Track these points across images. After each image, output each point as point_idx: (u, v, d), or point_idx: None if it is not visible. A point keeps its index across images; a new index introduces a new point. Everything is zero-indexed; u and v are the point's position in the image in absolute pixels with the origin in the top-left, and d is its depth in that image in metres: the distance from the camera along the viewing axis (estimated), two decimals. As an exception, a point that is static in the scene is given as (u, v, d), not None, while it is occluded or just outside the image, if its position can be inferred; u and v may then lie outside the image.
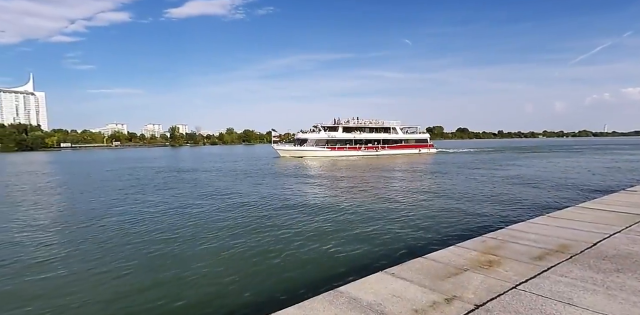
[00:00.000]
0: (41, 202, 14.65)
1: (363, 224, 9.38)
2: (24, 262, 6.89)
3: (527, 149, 64.46)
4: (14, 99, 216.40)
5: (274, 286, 5.55)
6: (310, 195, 15.08)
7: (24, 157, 74.38)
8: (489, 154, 48.04)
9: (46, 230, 9.58)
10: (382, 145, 48.87)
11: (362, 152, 46.72)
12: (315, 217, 10.39)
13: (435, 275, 4.09)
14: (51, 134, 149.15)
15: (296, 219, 10.28)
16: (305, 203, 13.03)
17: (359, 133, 48.21)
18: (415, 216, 10.25)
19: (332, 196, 14.73)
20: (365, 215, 10.59)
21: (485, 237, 5.62)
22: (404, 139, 51.65)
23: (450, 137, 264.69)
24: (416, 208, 11.49)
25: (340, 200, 13.57)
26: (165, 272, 6.24)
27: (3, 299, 5.35)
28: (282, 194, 15.26)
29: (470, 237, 6.47)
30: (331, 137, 45.47)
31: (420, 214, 10.59)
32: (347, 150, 45.94)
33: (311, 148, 44.44)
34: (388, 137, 50.30)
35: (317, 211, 11.36)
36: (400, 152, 49.54)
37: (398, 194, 14.81)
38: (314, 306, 3.55)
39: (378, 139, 49.12)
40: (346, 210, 11.33)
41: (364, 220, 9.91)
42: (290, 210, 11.67)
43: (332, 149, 45.25)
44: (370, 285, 3.94)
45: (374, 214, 10.73)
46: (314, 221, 9.89)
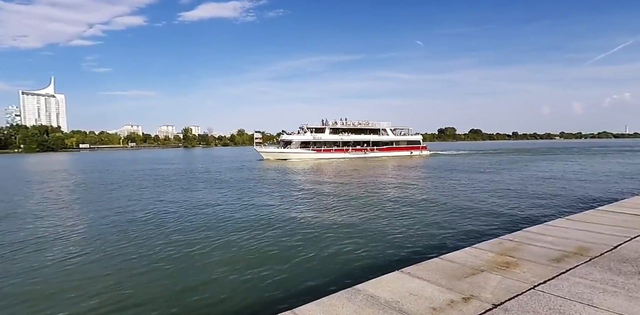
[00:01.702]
0: (78, 200, 15.25)
1: (375, 225, 9.42)
2: (51, 256, 7.24)
3: (539, 150, 62.68)
4: (36, 101, 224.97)
5: (292, 283, 5.69)
6: (313, 199, 15.17)
7: (48, 157, 77.16)
8: (486, 157, 45.98)
9: (84, 225, 10.01)
10: (371, 147, 46.97)
11: (350, 154, 44.87)
12: (324, 220, 10.49)
13: (451, 275, 4.13)
14: (70, 135, 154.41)
15: (309, 220, 10.40)
16: (313, 206, 13.14)
17: (347, 134, 46.39)
18: (427, 218, 10.22)
19: (336, 199, 14.79)
20: (376, 216, 10.62)
21: (502, 239, 5.60)
22: (394, 140, 49.62)
23: (463, 138, 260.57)
24: (427, 210, 11.43)
25: (346, 202, 13.62)
26: (187, 269, 6.44)
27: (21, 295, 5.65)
28: (291, 197, 15.40)
29: (486, 239, 6.46)
30: (317, 139, 43.72)
31: (433, 215, 10.55)
32: (333, 153, 44.18)
33: (295, 150, 42.77)
34: (377, 138, 48.25)
35: (327, 214, 11.45)
36: (391, 155, 47.68)
37: (402, 195, 14.75)
38: (332, 303, 3.64)
39: (367, 141, 47.23)
40: (357, 212, 11.38)
41: (375, 221, 9.94)
42: (303, 212, 11.80)
43: (317, 151, 43.50)
44: (387, 284, 4.01)
45: (385, 215, 10.74)
46: (325, 223, 9.99)
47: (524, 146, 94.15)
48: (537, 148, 76.95)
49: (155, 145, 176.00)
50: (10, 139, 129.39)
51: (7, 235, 9.26)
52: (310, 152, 43.06)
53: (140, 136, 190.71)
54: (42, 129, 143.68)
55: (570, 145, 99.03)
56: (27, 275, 6.29)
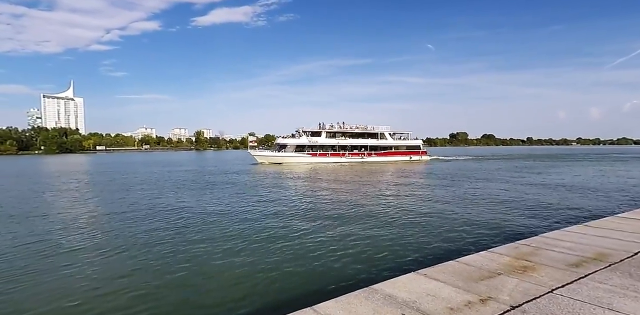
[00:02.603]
0: (98, 200, 15.78)
1: (388, 229, 9.45)
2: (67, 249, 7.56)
3: (554, 156, 61.07)
4: (56, 104, 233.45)
5: (310, 281, 5.83)
6: (322, 200, 15.26)
7: (67, 159, 79.67)
8: (496, 162, 44.88)
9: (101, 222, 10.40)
10: (369, 152, 45.76)
11: (346, 159, 43.71)
12: (338, 222, 10.57)
13: (468, 277, 4.17)
14: (88, 138, 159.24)
15: (324, 223, 10.51)
16: (323, 209, 13.24)
17: (344, 138, 45.32)
18: (440, 222, 10.19)
19: (347, 201, 14.84)
20: (388, 220, 10.64)
21: (518, 244, 5.59)
22: (393, 145, 48.45)
23: (475, 143, 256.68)
24: (439, 215, 11.38)
25: (359, 206, 13.66)
26: (207, 266, 6.63)
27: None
28: (301, 199, 15.53)
29: (501, 243, 6.45)
30: (312, 143, 42.72)
31: (445, 220, 10.50)
32: (329, 157, 43.13)
33: (290, 154, 41.77)
34: (376, 143, 47.06)
35: (341, 217, 11.53)
36: (389, 159, 46.34)
37: (410, 200, 14.69)
38: (350, 301, 3.74)
39: (365, 145, 46.00)
40: (371, 216, 11.42)
41: (388, 225, 9.97)
42: (318, 214, 11.92)
43: (313, 155, 42.52)
44: (403, 284, 4.09)
45: (397, 219, 10.75)
46: (340, 225, 10.08)
47: (539, 152, 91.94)
48: (553, 154, 75.08)
49: (169, 148, 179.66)
50: (32, 140, 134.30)
51: (30, 232, 9.68)
52: (305, 156, 42.13)
53: (154, 139, 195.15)
54: (61, 131, 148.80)
55: (588, 151, 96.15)
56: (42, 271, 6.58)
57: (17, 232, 9.61)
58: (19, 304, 5.28)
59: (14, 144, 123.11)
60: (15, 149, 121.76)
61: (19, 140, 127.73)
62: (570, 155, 64.73)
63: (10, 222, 10.97)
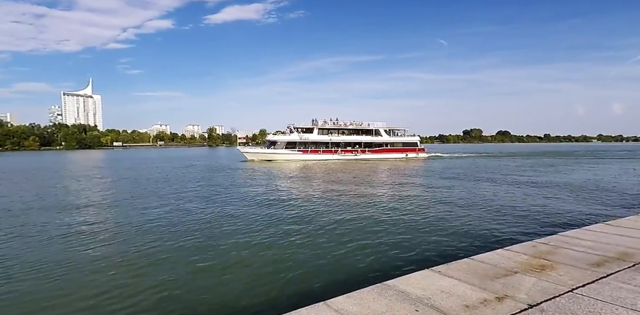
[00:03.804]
0: (120, 194, 16.29)
1: (401, 225, 9.39)
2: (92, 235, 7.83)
3: (574, 154, 58.89)
4: (76, 101, 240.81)
5: (323, 276, 5.87)
6: (332, 196, 15.24)
7: (87, 154, 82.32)
8: (507, 160, 42.98)
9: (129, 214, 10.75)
10: (363, 149, 44.43)
11: (339, 156, 42.58)
12: (349, 217, 10.57)
13: (484, 275, 4.10)
14: (105, 134, 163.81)
15: (333, 217, 10.52)
16: (337, 204, 13.24)
17: (337, 135, 44.24)
18: (454, 220, 10.04)
19: (358, 197, 14.78)
20: (400, 217, 10.56)
21: (536, 242, 5.45)
22: (388, 142, 46.97)
23: (490, 140, 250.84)
24: (453, 212, 11.21)
25: (369, 202, 13.60)
26: (220, 260, 6.76)
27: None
28: (312, 195, 15.56)
29: (518, 241, 6.31)
30: (303, 139, 41.71)
31: (460, 217, 10.34)
32: (321, 154, 42.04)
33: (280, 151, 40.90)
34: (370, 139, 45.61)
35: (354, 211, 11.52)
36: (384, 157, 44.96)
37: (424, 198, 14.50)
38: (363, 296, 3.74)
39: (358, 142, 44.77)
40: (379, 213, 11.36)
41: (399, 221, 9.90)
42: (330, 209, 11.95)
43: (303, 152, 41.48)
44: (417, 281, 4.06)
45: (408, 216, 10.66)
46: (350, 221, 10.07)
47: (557, 149, 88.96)
48: (572, 151, 72.58)
49: (182, 144, 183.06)
50: (53, 136, 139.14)
51: (52, 225, 10.06)
52: (295, 153, 41.18)
53: (168, 135, 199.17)
54: (80, 127, 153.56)
55: (609, 148, 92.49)
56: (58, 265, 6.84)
57: (49, 224, 10.01)
58: (45, 294, 5.51)
59: (36, 140, 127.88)
60: (38, 145, 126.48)
61: (41, 137, 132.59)
62: (592, 152, 62.33)
63: (47, 214, 11.42)
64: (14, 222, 10.35)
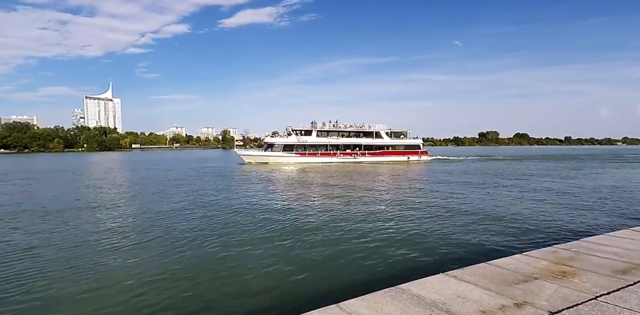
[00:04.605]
0: (141, 194, 16.79)
1: (416, 229, 9.24)
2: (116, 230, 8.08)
3: (597, 157, 56.53)
4: (97, 104, 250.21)
5: (336, 279, 5.84)
6: (350, 200, 15.16)
7: (109, 156, 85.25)
8: (522, 163, 41.47)
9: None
10: (363, 152, 43.48)
11: (338, 159, 41.60)
12: (363, 221, 10.49)
13: (501, 280, 3.99)
14: (125, 136, 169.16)
15: (343, 220, 10.48)
16: (354, 207, 13.17)
17: (336, 137, 43.25)
18: (468, 223, 9.81)
19: (377, 201, 14.65)
20: (412, 220, 10.40)
21: (556, 248, 5.27)
22: (389, 144, 45.88)
23: (507, 142, 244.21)
24: (467, 216, 10.95)
25: (389, 205, 13.46)
26: (233, 260, 6.84)
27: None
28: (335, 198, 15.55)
29: (537, 247, 6.11)
30: (301, 142, 41.01)
31: (475, 221, 10.09)
32: (319, 157, 41.16)
33: (277, 153, 40.33)
34: (370, 142, 44.65)
35: (368, 215, 11.44)
36: (384, 159, 43.85)
37: (433, 202, 14.22)
38: (377, 299, 3.70)
39: (358, 144, 43.87)
40: (394, 215, 11.23)
41: (413, 225, 9.75)
42: (344, 213, 11.91)
43: (301, 154, 40.74)
44: (432, 285, 3.98)
45: (423, 219, 10.49)
46: (362, 223, 10.00)
47: (579, 152, 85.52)
48: (594, 154, 69.77)
49: (197, 146, 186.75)
50: (76, 139, 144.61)
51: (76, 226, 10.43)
52: (292, 156, 40.49)
53: (184, 137, 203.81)
54: (101, 130, 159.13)
55: (636, 151, 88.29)
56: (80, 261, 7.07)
57: (75, 223, 10.40)
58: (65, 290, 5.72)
59: (60, 142, 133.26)
60: (62, 147, 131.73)
61: (65, 139, 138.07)
62: (616, 156, 59.64)
63: (72, 213, 11.88)
64: (48, 220, 10.78)
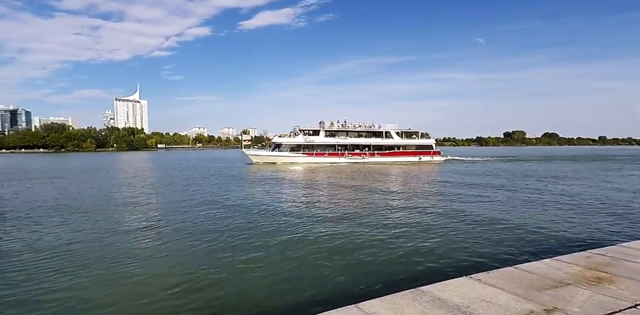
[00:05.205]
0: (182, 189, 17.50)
1: (436, 230, 9.00)
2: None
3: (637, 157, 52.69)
4: (126, 106, 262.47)
5: (355, 279, 5.77)
6: (374, 200, 14.98)
7: (137, 155, 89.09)
8: (550, 164, 39.14)
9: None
10: (372, 152, 42.42)
11: (346, 159, 40.83)
12: (383, 221, 10.35)
13: (529, 285, 3.81)
14: (151, 136, 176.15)
15: (361, 221, 10.38)
16: (377, 207, 13.03)
17: (344, 137, 42.43)
18: (494, 226, 9.42)
19: (399, 200, 14.41)
20: (436, 221, 10.13)
21: (590, 253, 4.97)
22: (400, 144, 44.55)
23: (535, 142, 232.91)
24: (492, 217, 10.53)
25: (410, 206, 13.21)
26: (253, 260, 6.92)
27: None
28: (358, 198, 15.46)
29: (569, 251, 5.80)
30: (308, 142, 40.63)
31: (500, 223, 9.68)
32: (326, 157, 40.64)
33: (284, 153, 40.18)
34: (380, 142, 43.44)
35: (387, 215, 11.28)
36: (394, 160, 42.56)
37: (468, 201, 13.75)
38: (397, 301, 3.64)
39: (367, 144, 42.77)
40: (414, 216, 10.99)
41: (436, 226, 9.50)
42: (362, 212, 11.82)
43: (308, 155, 40.36)
44: (455, 288, 3.87)
45: (446, 221, 10.19)
46: (385, 224, 9.86)
47: (615, 152, 80.00)
48: (634, 155, 64.99)
49: (218, 146, 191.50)
50: (107, 139, 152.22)
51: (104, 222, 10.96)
52: (300, 156, 40.17)
53: (205, 137, 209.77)
54: (129, 130, 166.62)
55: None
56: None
57: (105, 219, 10.95)
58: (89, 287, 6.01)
59: (93, 142, 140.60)
60: (94, 147, 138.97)
61: (96, 139, 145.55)
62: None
63: (104, 210, 12.53)
64: (87, 216, 11.38)
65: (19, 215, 11.40)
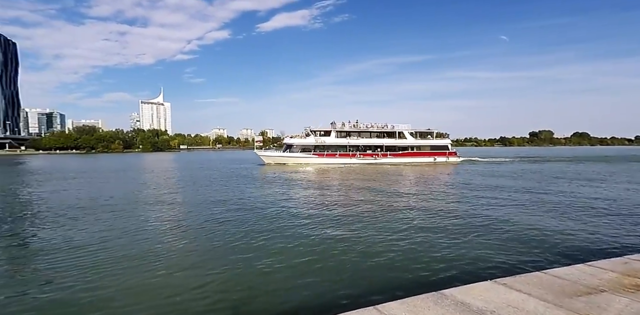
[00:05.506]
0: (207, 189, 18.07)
1: (460, 231, 8.73)
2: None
3: None
4: (150, 108, 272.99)
5: (374, 281, 5.69)
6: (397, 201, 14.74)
7: (162, 156, 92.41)
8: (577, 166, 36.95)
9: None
10: (384, 153, 41.71)
11: (357, 160, 40.36)
12: (407, 222, 10.16)
13: (560, 291, 3.61)
14: (174, 138, 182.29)
15: (381, 221, 10.23)
16: (399, 208, 12.83)
17: (356, 138, 41.89)
18: (520, 229, 9.01)
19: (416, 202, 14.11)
20: (459, 222, 9.83)
21: (628, 259, 4.66)
22: (414, 145, 43.36)
23: (564, 142, 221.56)
24: (519, 219, 10.08)
25: (432, 207, 12.90)
26: (272, 261, 6.96)
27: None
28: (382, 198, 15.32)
29: (604, 257, 5.46)
30: (320, 143, 40.32)
31: (526, 227, 9.24)
32: (338, 158, 40.25)
33: (295, 154, 40.08)
34: (392, 142, 42.54)
35: (412, 216, 11.07)
36: (408, 161, 41.54)
37: (489, 204, 13.25)
38: (417, 304, 3.55)
39: (379, 145, 42.04)
40: (440, 218, 10.71)
41: (459, 227, 9.21)
42: (389, 213, 11.67)
43: (319, 155, 40.04)
44: (479, 292, 3.73)
45: (468, 222, 9.87)
46: (406, 227, 9.68)
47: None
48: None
49: (237, 147, 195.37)
50: (133, 140, 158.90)
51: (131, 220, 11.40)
52: (311, 157, 39.96)
53: (225, 138, 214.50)
54: (154, 132, 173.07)
55: None
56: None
57: (132, 217, 11.41)
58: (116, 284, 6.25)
59: (120, 144, 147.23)
60: (122, 148, 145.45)
61: (124, 140, 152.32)
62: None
63: (132, 207, 13.09)
64: (117, 215, 11.91)
65: (57, 212, 12.01)
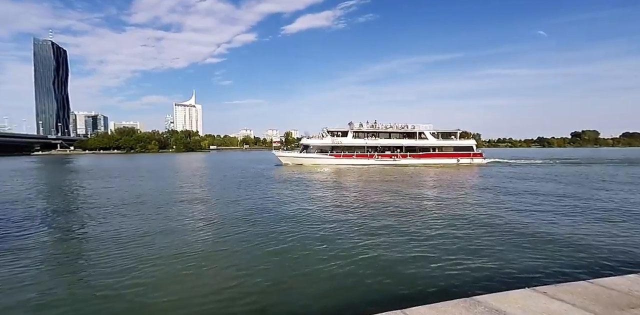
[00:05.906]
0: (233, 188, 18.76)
1: (496, 235, 8.27)
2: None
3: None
4: (183, 110, 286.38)
5: (403, 284, 5.52)
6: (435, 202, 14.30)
7: (195, 156, 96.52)
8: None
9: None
10: (404, 153, 40.00)
11: (375, 161, 39.07)
12: (447, 226, 9.82)
13: (609, 303, 3.31)
14: (204, 138, 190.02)
15: (431, 226, 9.95)
16: (439, 211, 12.46)
17: (374, 139, 40.54)
18: (564, 233, 8.38)
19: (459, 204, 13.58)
20: (494, 226, 9.32)
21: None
22: (435, 146, 41.15)
23: (611, 143, 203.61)
24: (561, 224, 9.38)
25: (480, 211, 12.38)
26: (300, 263, 6.99)
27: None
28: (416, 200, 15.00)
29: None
30: (336, 143, 39.39)
31: (572, 231, 8.58)
32: (355, 159, 39.24)
33: (312, 155, 39.52)
34: (412, 143, 40.64)
35: (451, 220, 10.70)
36: (429, 162, 39.74)
37: (524, 209, 12.43)
38: (447, 309, 3.41)
39: (398, 146, 40.35)
40: (471, 223, 10.24)
41: (495, 230, 8.73)
42: (428, 217, 11.38)
43: (336, 156, 39.19)
44: (515, 300, 3.51)
45: (505, 226, 9.33)
46: (438, 230, 9.36)
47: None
48: None
49: (263, 147, 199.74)
50: (167, 141, 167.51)
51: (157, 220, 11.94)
52: (327, 158, 39.17)
53: (252, 139, 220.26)
54: (186, 133, 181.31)
55: None
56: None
57: (166, 215, 11.99)
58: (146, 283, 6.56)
59: (156, 144, 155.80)
60: (157, 148, 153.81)
61: (159, 141, 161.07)
62: None
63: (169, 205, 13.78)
64: (158, 212, 12.58)
65: (105, 209, 12.79)
